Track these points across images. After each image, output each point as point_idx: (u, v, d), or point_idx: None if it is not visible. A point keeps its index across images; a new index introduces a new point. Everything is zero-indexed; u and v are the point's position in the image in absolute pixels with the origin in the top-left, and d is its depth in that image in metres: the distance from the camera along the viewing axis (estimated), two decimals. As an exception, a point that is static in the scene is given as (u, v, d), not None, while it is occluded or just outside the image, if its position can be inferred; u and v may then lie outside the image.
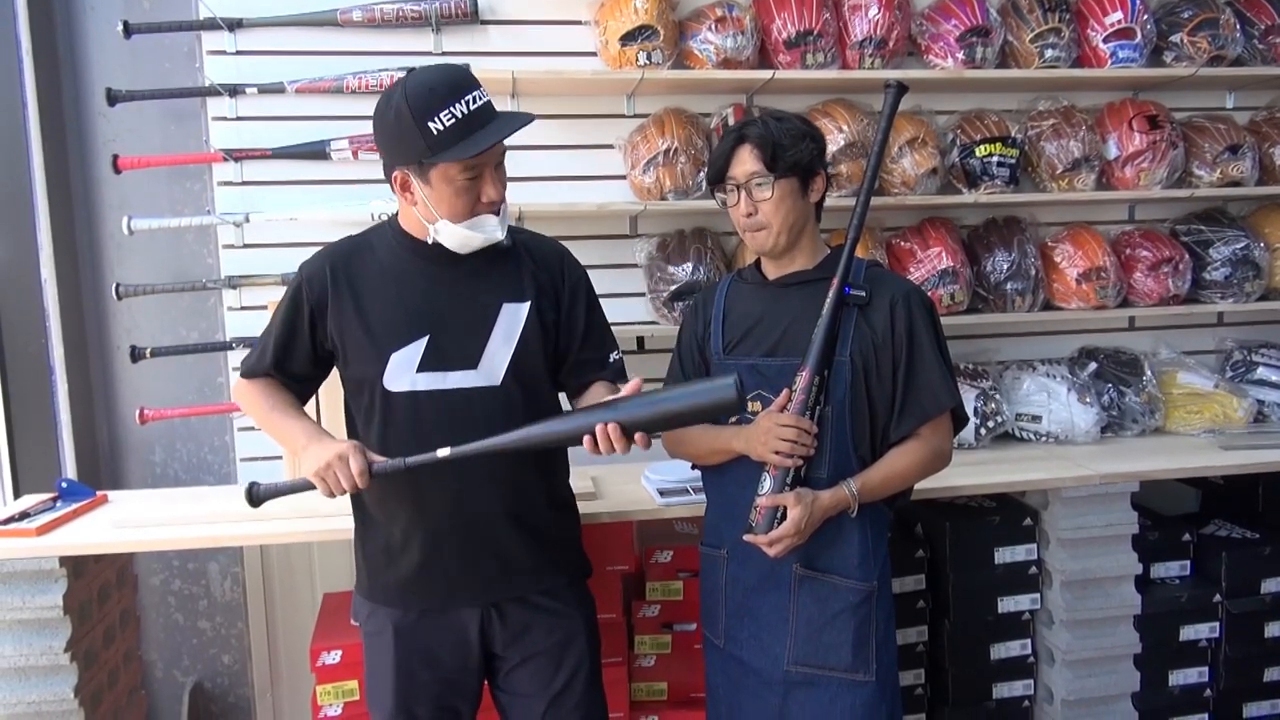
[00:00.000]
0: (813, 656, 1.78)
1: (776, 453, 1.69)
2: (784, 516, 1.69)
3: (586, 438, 1.52)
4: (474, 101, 1.55)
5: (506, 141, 1.61)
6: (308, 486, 1.62)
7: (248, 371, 1.77)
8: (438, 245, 1.66)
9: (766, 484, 1.72)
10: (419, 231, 1.67)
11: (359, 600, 1.81)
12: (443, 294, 1.67)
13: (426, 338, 1.65)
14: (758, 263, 1.92)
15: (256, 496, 1.66)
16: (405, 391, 1.66)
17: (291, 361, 1.73)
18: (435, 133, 1.52)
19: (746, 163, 1.77)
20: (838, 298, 1.73)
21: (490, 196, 1.60)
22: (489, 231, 1.63)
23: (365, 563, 1.78)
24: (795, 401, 1.71)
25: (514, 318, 1.69)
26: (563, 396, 1.84)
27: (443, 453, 1.57)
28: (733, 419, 1.80)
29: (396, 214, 1.74)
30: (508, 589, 1.73)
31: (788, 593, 1.79)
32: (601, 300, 1.84)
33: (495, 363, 1.67)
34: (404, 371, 1.65)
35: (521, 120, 1.61)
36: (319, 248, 2.56)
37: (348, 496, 1.62)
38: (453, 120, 1.52)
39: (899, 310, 1.77)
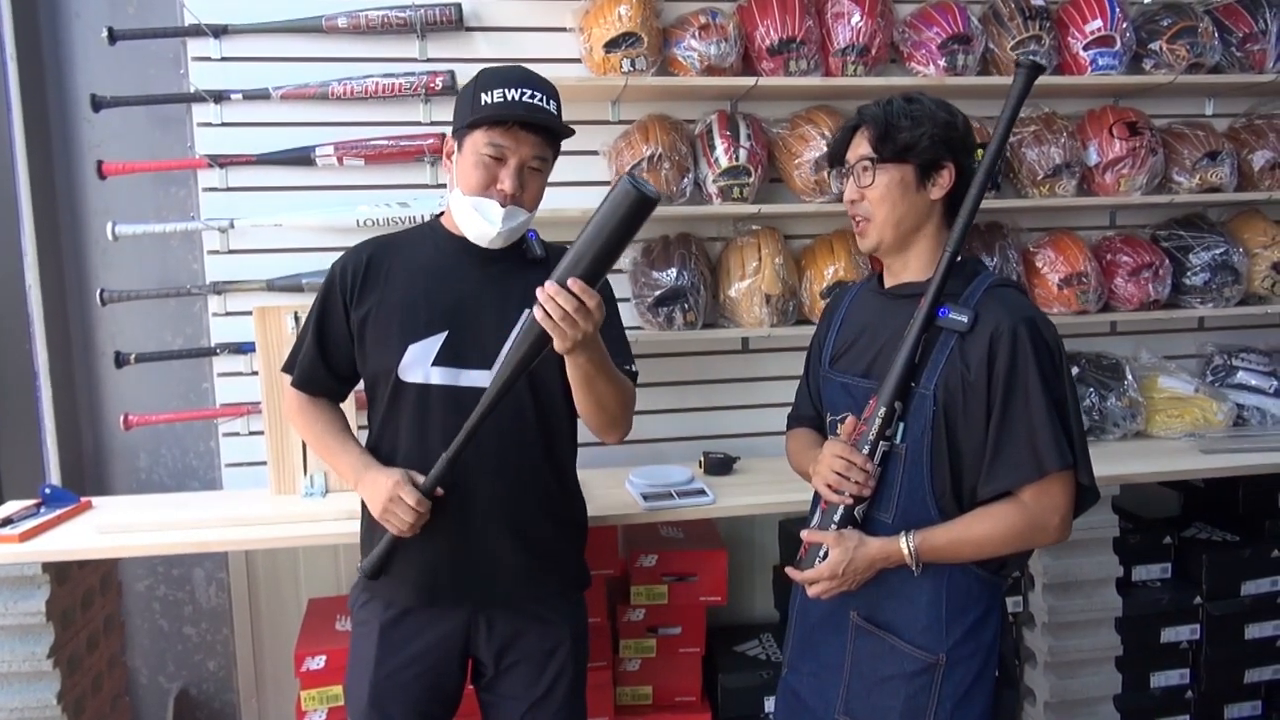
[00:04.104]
0: (862, 714, 1.60)
1: (827, 485, 1.56)
2: (826, 556, 1.56)
3: (537, 311, 1.46)
4: (531, 97, 1.62)
5: None
6: (391, 538, 1.66)
7: (296, 379, 1.80)
8: (472, 244, 1.70)
9: (815, 517, 1.61)
10: (453, 224, 1.73)
11: (357, 587, 1.80)
12: (469, 293, 1.70)
13: (446, 333, 1.68)
14: None
15: (371, 571, 1.69)
16: (418, 383, 1.68)
17: (332, 356, 1.76)
18: (482, 102, 1.62)
19: (859, 145, 1.60)
20: (926, 320, 1.52)
21: (504, 187, 1.63)
22: (485, 215, 1.64)
23: (371, 549, 1.75)
24: (857, 432, 1.55)
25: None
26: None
27: (468, 423, 1.58)
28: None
29: (442, 213, 1.80)
30: (498, 594, 1.73)
31: (846, 639, 1.63)
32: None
33: None
34: (420, 363, 1.68)
35: (550, 119, 1.64)
36: (304, 254, 2.63)
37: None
38: (501, 99, 1.61)
39: (1001, 344, 1.48)
